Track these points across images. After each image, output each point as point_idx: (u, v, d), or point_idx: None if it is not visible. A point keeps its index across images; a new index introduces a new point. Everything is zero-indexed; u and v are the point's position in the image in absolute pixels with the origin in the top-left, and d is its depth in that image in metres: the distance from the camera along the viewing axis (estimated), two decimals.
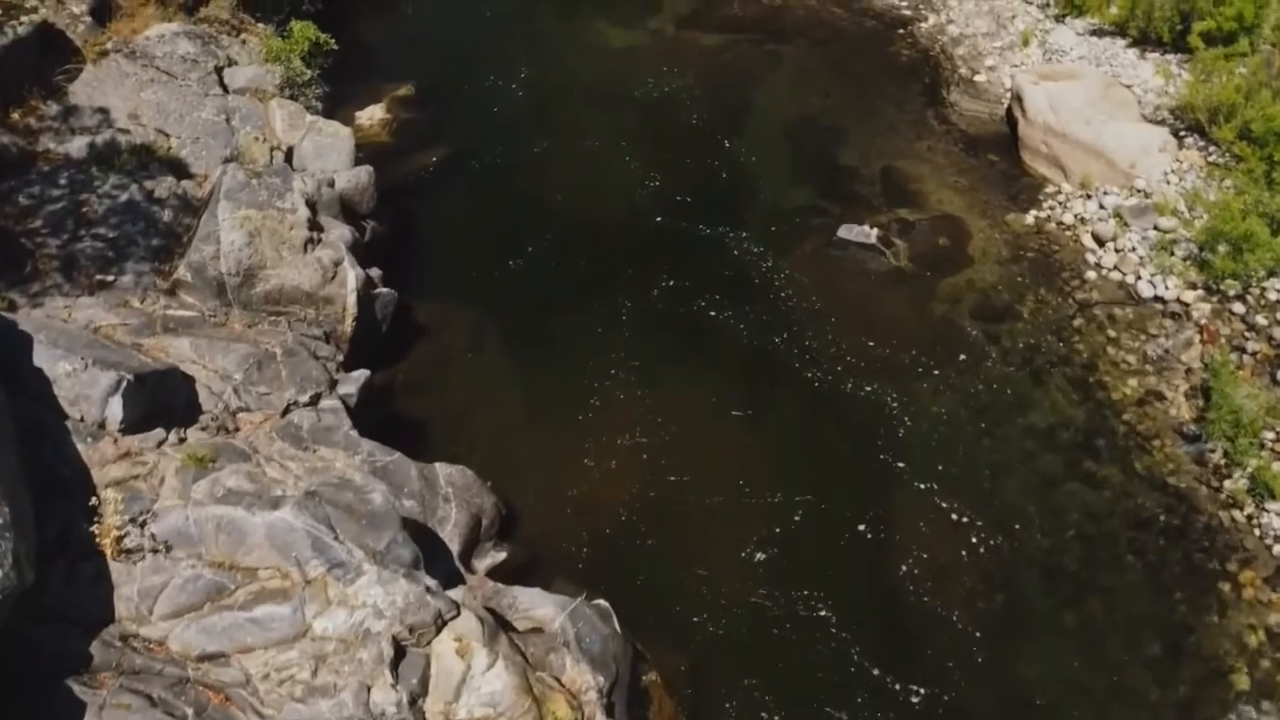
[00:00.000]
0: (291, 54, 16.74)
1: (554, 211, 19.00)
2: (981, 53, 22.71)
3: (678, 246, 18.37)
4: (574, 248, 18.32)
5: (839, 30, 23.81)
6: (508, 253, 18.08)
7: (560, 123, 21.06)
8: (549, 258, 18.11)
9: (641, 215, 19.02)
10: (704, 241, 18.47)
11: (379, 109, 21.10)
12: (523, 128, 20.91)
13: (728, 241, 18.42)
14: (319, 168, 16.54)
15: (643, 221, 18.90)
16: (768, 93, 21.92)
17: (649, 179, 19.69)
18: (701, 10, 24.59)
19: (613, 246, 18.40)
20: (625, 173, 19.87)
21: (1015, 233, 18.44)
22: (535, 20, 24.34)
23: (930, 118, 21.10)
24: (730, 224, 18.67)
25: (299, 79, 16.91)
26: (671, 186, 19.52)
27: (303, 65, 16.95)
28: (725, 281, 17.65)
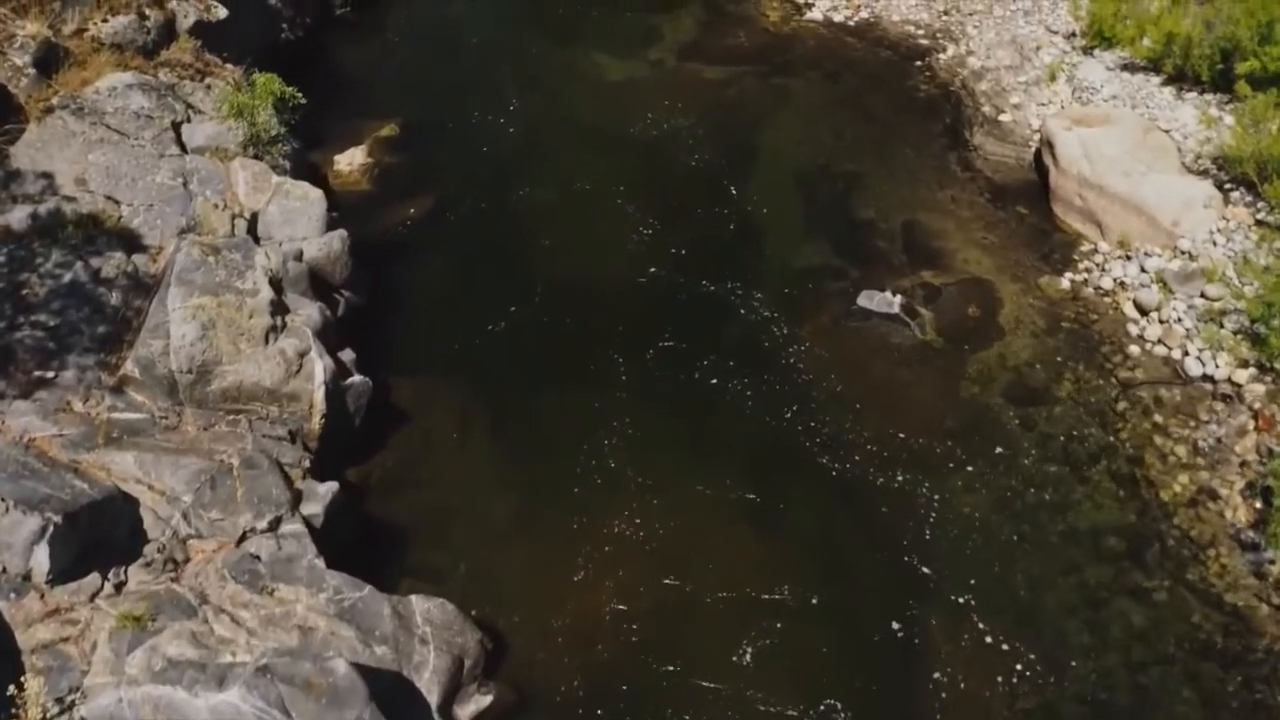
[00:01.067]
0: (255, 110, 14.91)
1: (546, 268, 17.26)
2: (1005, 88, 20.92)
3: (681, 310, 16.64)
4: (567, 311, 16.58)
5: (852, 62, 22.00)
6: (496, 318, 16.34)
7: (553, 165, 19.28)
8: (540, 323, 16.37)
9: (641, 272, 17.27)
10: (710, 304, 16.75)
11: (360, 152, 19.30)
12: (513, 171, 19.13)
13: (736, 305, 16.70)
14: (286, 235, 14.77)
15: (642, 279, 17.16)
16: (776, 133, 20.13)
17: (649, 230, 17.94)
18: (704, 39, 22.76)
19: (610, 309, 16.65)
20: (623, 223, 18.11)
21: (1050, 299, 16.72)
22: (528, 49, 22.51)
23: (953, 163, 19.34)
24: (738, 285, 16.93)
25: (264, 136, 15.08)
26: (673, 239, 17.77)
27: (268, 121, 15.10)
28: (734, 353, 15.92)
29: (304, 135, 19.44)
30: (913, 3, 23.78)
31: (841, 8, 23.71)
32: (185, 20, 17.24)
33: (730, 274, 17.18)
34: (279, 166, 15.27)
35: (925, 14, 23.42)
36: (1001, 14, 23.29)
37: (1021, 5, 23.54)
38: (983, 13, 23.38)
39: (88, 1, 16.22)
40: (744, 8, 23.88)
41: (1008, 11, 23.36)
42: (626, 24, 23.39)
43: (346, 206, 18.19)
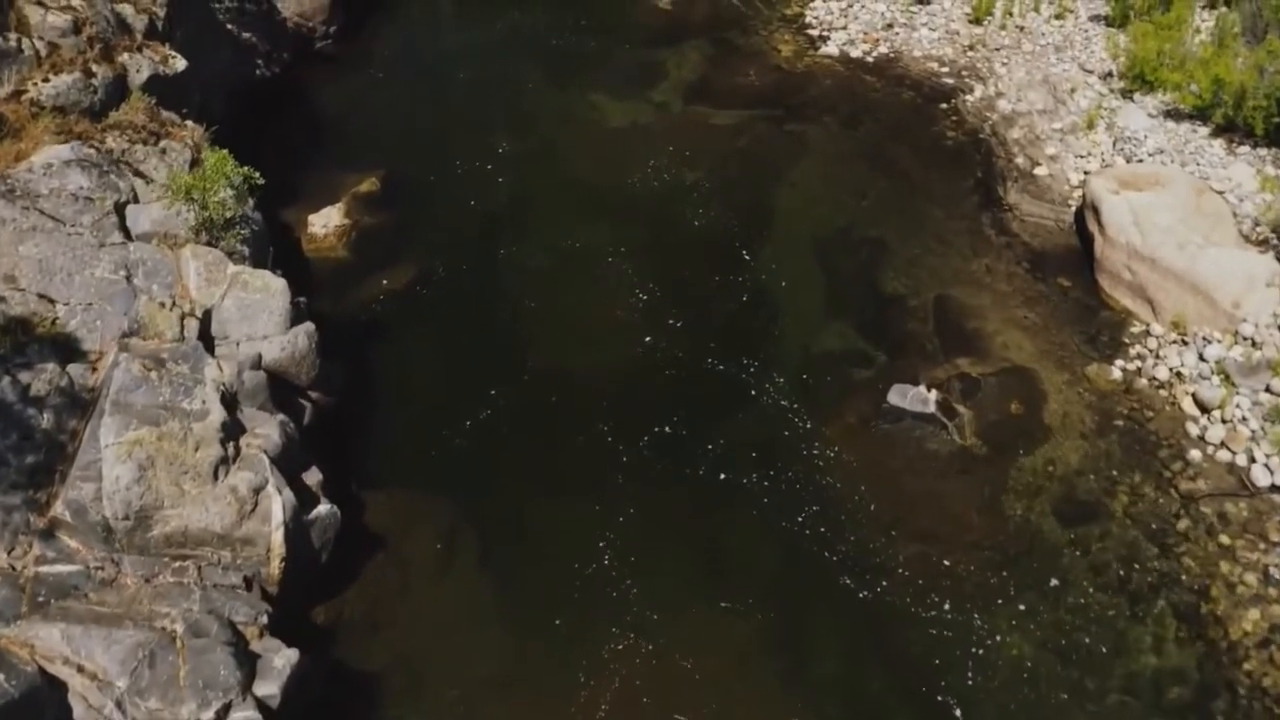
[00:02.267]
0: (206, 191, 12.88)
1: (537, 348, 15.34)
2: (1040, 137, 18.96)
3: (688, 397, 14.73)
4: (561, 398, 14.68)
5: (872, 105, 20.01)
6: (482, 411, 14.42)
7: (547, 226, 17.31)
8: (531, 415, 14.45)
9: (644, 351, 15.37)
10: (721, 391, 14.84)
11: (336, 212, 17.32)
12: (502, 233, 17.17)
13: (750, 394, 14.80)
14: (244, 334, 12.83)
15: (645, 360, 15.25)
16: (792, 189, 18.17)
17: (652, 302, 16.02)
18: (712, 78, 20.75)
19: (608, 395, 14.74)
20: (624, 293, 16.17)
21: (1100, 392, 14.82)
22: (522, 87, 20.49)
23: (986, 225, 17.39)
24: (753, 368, 15.04)
25: (217, 220, 13.08)
26: (680, 313, 15.84)
27: (221, 204, 13.06)
28: (748, 453, 14.01)
29: (276, 191, 17.56)
30: (935, 36, 21.78)
31: (859, 42, 21.70)
32: (138, 75, 15.22)
33: (743, 356, 15.27)
34: (236, 253, 13.28)
35: (949, 49, 21.42)
36: (1031, 49, 21.31)
37: (1052, 40, 21.56)
38: (1010, 48, 21.39)
39: (25, 60, 14.19)
40: (754, 41, 21.89)
41: (1037, 47, 21.38)
42: (628, 59, 21.38)
43: (320, 276, 16.29)
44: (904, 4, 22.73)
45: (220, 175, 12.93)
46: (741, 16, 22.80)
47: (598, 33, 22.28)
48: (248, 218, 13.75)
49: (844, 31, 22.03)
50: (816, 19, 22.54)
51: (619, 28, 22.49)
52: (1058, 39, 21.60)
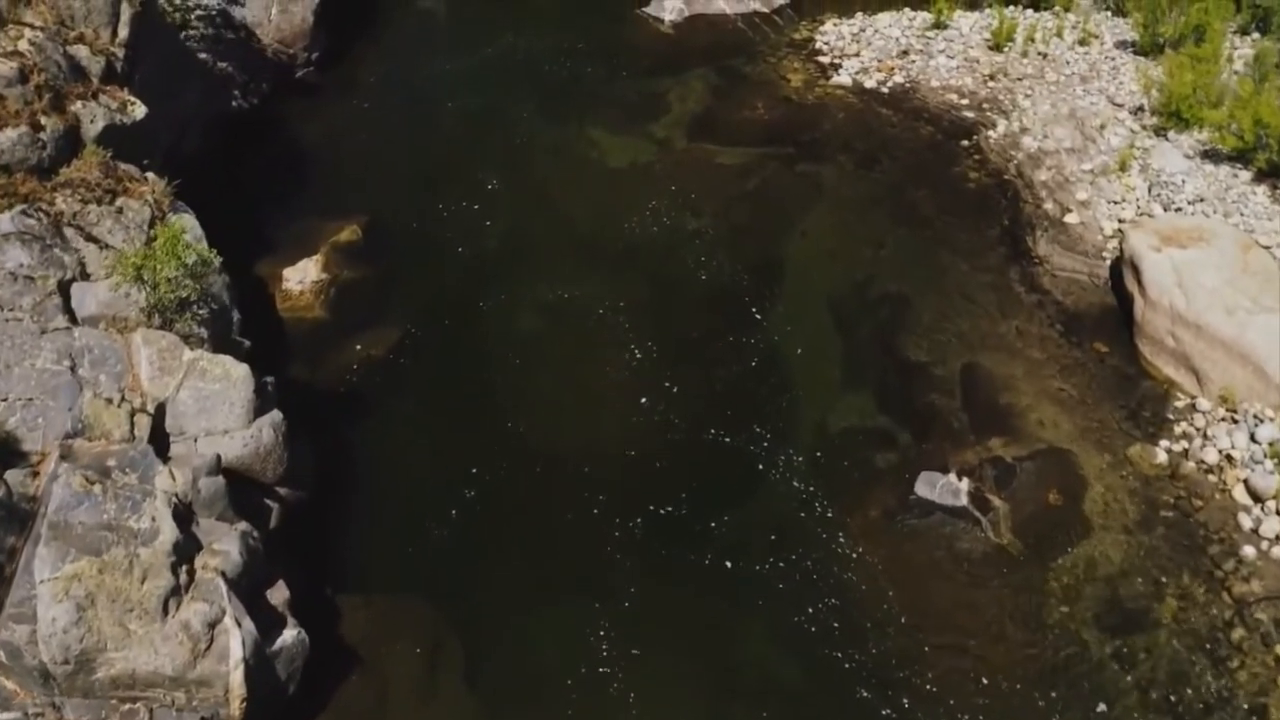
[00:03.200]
0: (157, 272, 11.36)
1: (530, 423, 13.91)
2: (1069, 179, 17.49)
3: (693, 481, 13.33)
4: (556, 481, 13.27)
5: (889, 142, 18.52)
6: (468, 498, 13.02)
7: (541, 281, 15.85)
8: (523, 502, 13.05)
9: (645, 425, 13.97)
10: (728, 475, 13.44)
11: (313, 265, 15.85)
12: (493, 290, 15.72)
13: (761, 478, 13.38)
14: (202, 429, 11.39)
15: (647, 435, 13.85)
16: (805, 239, 16.71)
17: (654, 368, 14.60)
18: (718, 111, 19.25)
19: (607, 478, 13.33)
20: (623, 358, 14.76)
21: (1143, 477, 13.42)
22: (515, 122, 18.99)
23: (1015, 280, 15.94)
24: (764, 447, 13.64)
25: (170, 302, 11.57)
26: (684, 380, 14.44)
27: (175, 283, 11.51)
28: (760, 549, 12.58)
29: (250, 240, 16.14)
30: (954, 65, 20.28)
31: (873, 71, 20.20)
32: (93, 126, 13.70)
33: (753, 429, 13.87)
34: (193, 336, 11.80)
35: (969, 79, 19.92)
36: (1055, 79, 19.81)
37: (1077, 69, 20.08)
38: (1033, 78, 19.90)
39: None
40: (762, 70, 20.38)
41: (1062, 76, 19.89)
42: (628, 88, 19.88)
43: (293, 341, 14.86)
44: (919, 29, 21.23)
45: (171, 255, 11.41)
46: (748, 41, 21.28)
47: (596, 58, 20.77)
48: (207, 294, 12.25)
49: (857, 59, 20.52)
50: (827, 45, 21.03)
51: (618, 52, 20.99)
52: (1083, 68, 20.12)
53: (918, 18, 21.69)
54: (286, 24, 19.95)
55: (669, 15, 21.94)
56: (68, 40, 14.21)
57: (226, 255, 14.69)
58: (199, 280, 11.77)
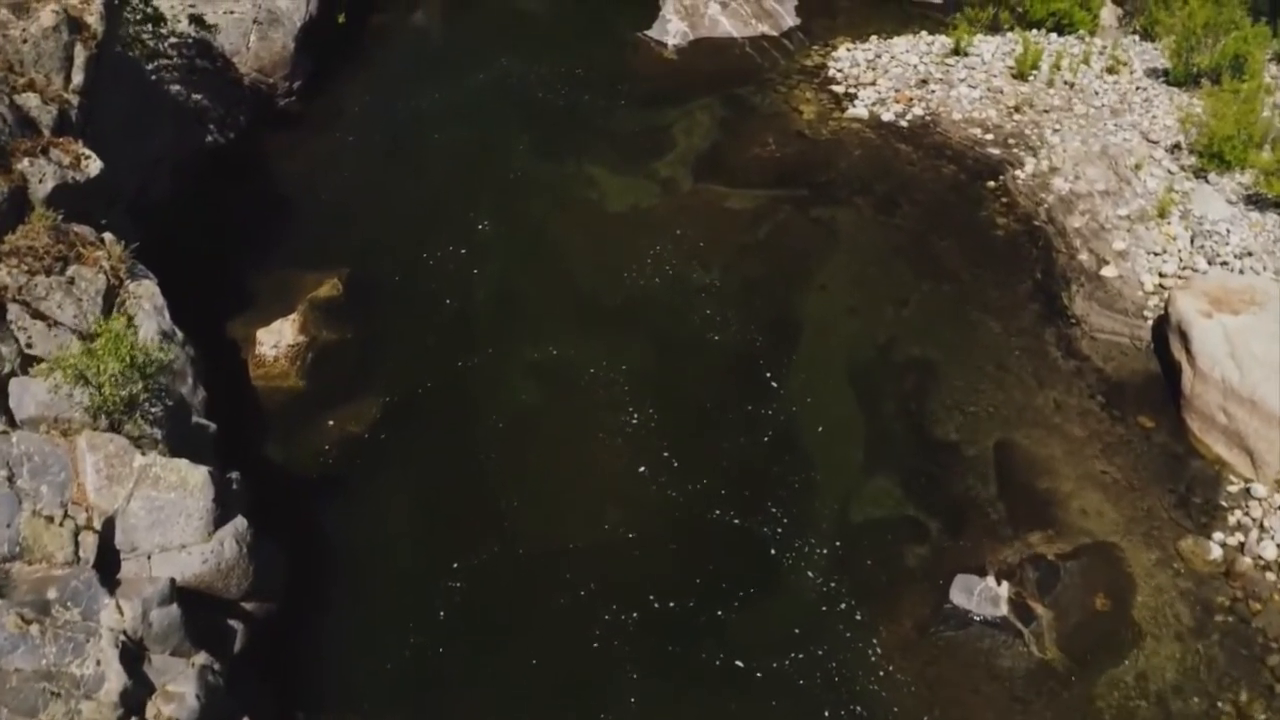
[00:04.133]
0: (100, 374, 9.89)
1: (523, 511, 12.52)
2: (1105, 225, 16.07)
3: (701, 573, 11.97)
4: (550, 579, 11.85)
5: (908, 182, 17.09)
6: (457, 603, 11.62)
7: (537, 344, 14.42)
8: (514, 603, 11.68)
9: (649, 511, 12.59)
10: (740, 566, 12.07)
11: (289, 326, 14.40)
12: (485, 354, 14.28)
13: (776, 572, 12.02)
14: (157, 544, 9.98)
15: (650, 522, 12.48)
16: (822, 295, 15.28)
17: (659, 443, 13.21)
18: (726, 147, 17.80)
19: (606, 573, 11.93)
20: (625, 432, 13.37)
21: (1196, 575, 12.06)
22: (509, 159, 17.54)
23: (1050, 343, 14.54)
24: (779, 536, 12.27)
25: (117, 403, 10.11)
26: (690, 457, 13.07)
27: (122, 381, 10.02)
28: (776, 657, 11.21)
29: (222, 296, 14.74)
30: (976, 96, 18.82)
31: (890, 102, 18.73)
32: (41, 186, 12.19)
33: (767, 514, 12.51)
34: (145, 437, 10.34)
35: (992, 111, 18.48)
36: (1084, 112, 18.37)
37: (1107, 100, 18.63)
38: (1061, 110, 18.46)
39: None
40: (772, 100, 18.91)
41: (1091, 109, 18.44)
42: (629, 121, 18.41)
43: (266, 415, 13.44)
44: (938, 55, 19.76)
45: (114, 356, 9.95)
46: (756, 68, 19.81)
47: (595, 87, 19.30)
48: (162, 387, 10.80)
49: (873, 88, 19.05)
50: (841, 72, 19.56)
51: (619, 80, 19.50)
52: (1113, 99, 18.67)
53: (936, 42, 20.22)
54: (266, 52, 18.46)
55: (672, 39, 20.45)
56: (15, 89, 12.70)
57: (196, 314, 13.47)
58: (150, 377, 10.29)
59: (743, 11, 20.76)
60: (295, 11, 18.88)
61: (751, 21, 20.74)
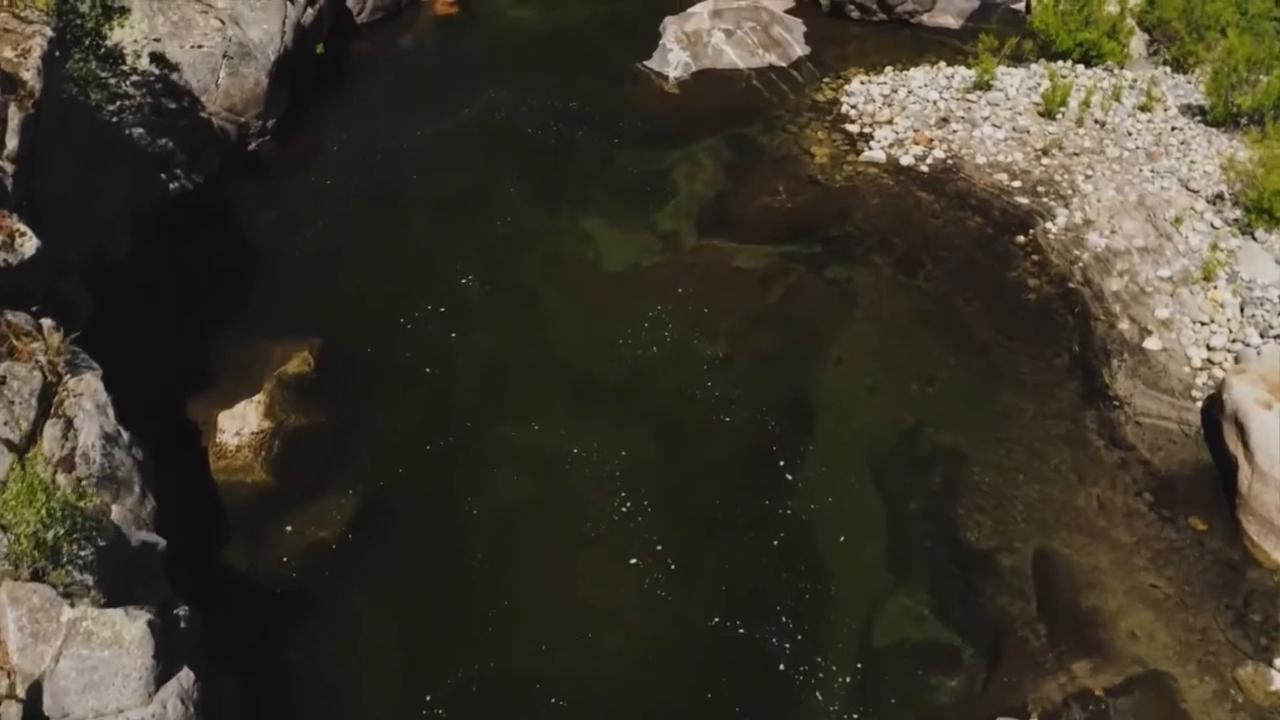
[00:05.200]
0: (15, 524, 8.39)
1: (514, 630, 11.07)
2: (1145, 289, 14.59)
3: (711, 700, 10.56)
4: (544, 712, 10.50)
5: (932, 237, 15.59)
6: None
7: (528, 431, 12.96)
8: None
9: (649, 624, 11.20)
10: (753, 690, 10.64)
11: (254, 409, 12.92)
12: (471, 443, 12.83)
13: (793, 700, 10.59)
14: (90, 710, 8.54)
15: (650, 638, 11.09)
16: (839, 370, 13.80)
17: (660, 544, 11.78)
18: (732, 197, 16.28)
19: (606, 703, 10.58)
20: (622, 531, 11.93)
21: (1257, 710, 10.58)
22: (498, 208, 16.06)
23: (1092, 430, 13.06)
24: (791, 653, 10.83)
25: (39, 552, 8.61)
26: (696, 560, 11.67)
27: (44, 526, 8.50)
28: None
29: (180, 372, 13.28)
30: (1001, 136, 17.29)
31: (909, 144, 17.21)
32: None
33: (782, 631, 11.07)
34: (75, 585, 8.88)
35: (1019, 154, 16.95)
36: (1117, 155, 16.86)
37: (1141, 142, 17.12)
38: (1092, 153, 16.94)
39: None
40: (781, 141, 17.40)
41: (1124, 151, 16.93)
42: (628, 165, 16.89)
43: (228, 515, 11.99)
44: (959, 90, 18.22)
45: (27, 505, 8.45)
46: (764, 103, 18.28)
47: (590, 122, 17.79)
48: (92, 527, 9.30)
49: (890, 128, 17.52)
50: (855, 109, 18.02)
51: (616, 116, 17.98)
52: (1148, 140, 17.15)
53: (956, 75, 18.68)
54: (237, 89, 16.91)
55: (674, 71, 18.91)
56: None
57: (152, 393, 12.08)
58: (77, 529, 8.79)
59: (749, 41, 19.20)
60: (269, 44, 17.34)
61: (758, 51, 19.18)
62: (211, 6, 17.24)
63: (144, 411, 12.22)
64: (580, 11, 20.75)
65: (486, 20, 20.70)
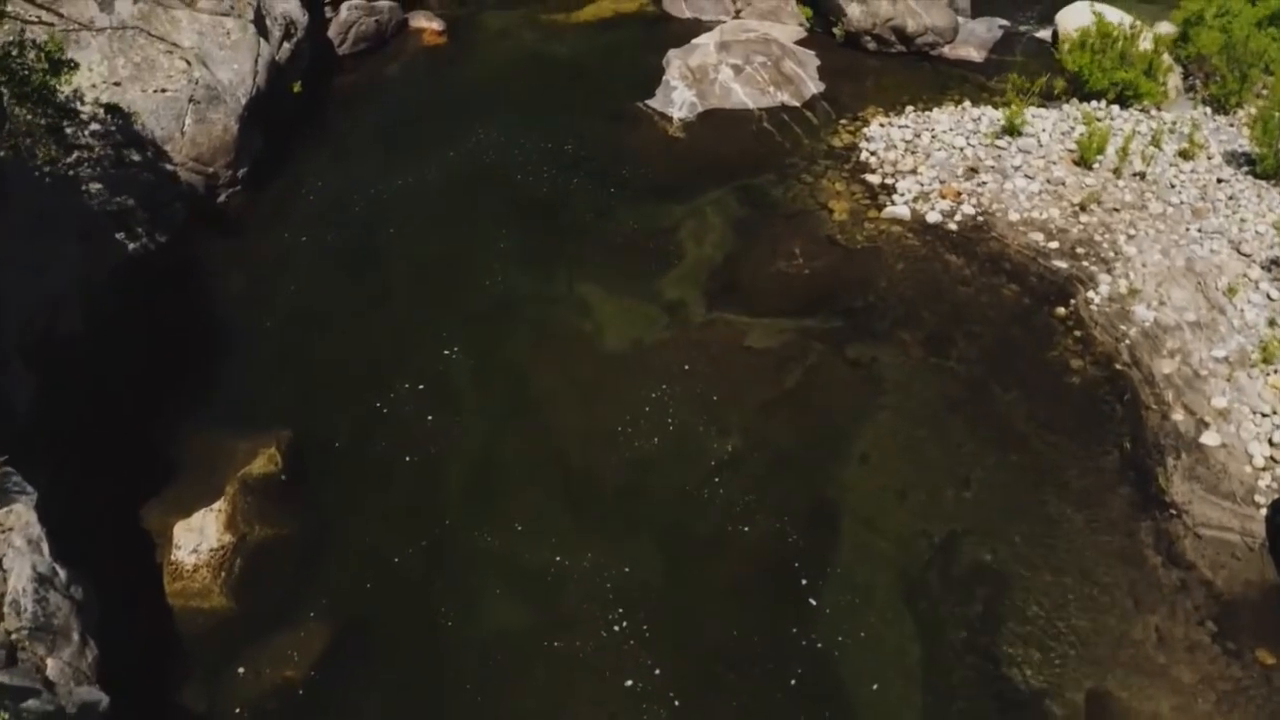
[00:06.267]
0: None
1: None
2: (1199, 371, 13.08)
3: None
4: None
5: (963, 309, 14.06)
6: None
7: (519, 545, 11.43)
8: None
9: None
10: None
11: (213, 521, 11.40)
12: (456, 560, 11.30)
13: None
14: None
15: None
16: (865, 470, 12.27)
17: (670, 691, 10.27)
18: (743, 260, 14.73)
19: None
20: (627, 676, 10.44)
21: None
22: (485, 274, 14.53)
23: (1146, 543, 11.56)
24: None
25: None
26: (703, 707, 10.18)
27: None
28: None
29: (135, 473, 11.77)
30: (1034, 189, 15.74)
31: (935, 197, 15.65)
32: None
33: None
34: None
35: (1054, 210, 15.41)
36: (1160, 211, 15.33)
37: (1185, 196, 15.60)
38: (1134, 209, 15.41)
39: None
40: (796, 193, 15.84)
41: (1168, 207, 15.40)
42: (630, 224, 15.32)
43: (184, 649, 10.52)
44: (987, 134, 16.64)
45: None
46: (776, 149, 16.71)
47: (587, 171, 16.24)
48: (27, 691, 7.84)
49: (914, 178, 15.96)
50: (875, 156, 16.45)
51: (615, 162, 16.43)
52: (1192, 194, 15.62)
53: (983, 117, 17.10)
54: (204, 136, 15.32)
55: (678, 111, 17.33)
56: None
57: (101, 500, 10.68)
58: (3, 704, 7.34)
59: (759, 78, 17.61)
60: (239, 86, 15.74)
61: (769, 90, 17.58)
62: (177, 46, 15.63)
63: (91, 521, 10.84)
64: (577, 42, 19.14)
65: (477, 51, 19.10)
